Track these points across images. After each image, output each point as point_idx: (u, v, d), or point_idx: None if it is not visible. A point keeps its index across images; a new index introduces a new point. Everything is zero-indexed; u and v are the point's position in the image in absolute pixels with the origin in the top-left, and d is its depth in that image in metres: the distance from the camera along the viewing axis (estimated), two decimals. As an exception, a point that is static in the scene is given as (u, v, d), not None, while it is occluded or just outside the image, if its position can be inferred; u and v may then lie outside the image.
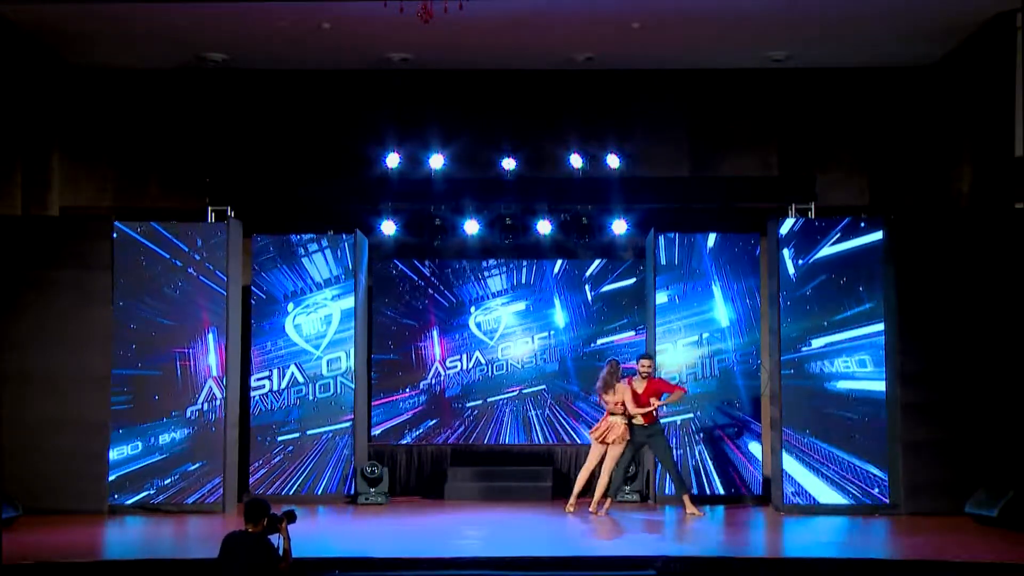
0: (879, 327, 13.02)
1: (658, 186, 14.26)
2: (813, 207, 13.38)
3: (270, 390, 13.80)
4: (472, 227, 14.07)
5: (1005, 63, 13.37)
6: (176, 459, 13.06)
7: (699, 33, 13.79)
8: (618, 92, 15.13)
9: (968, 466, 12.60)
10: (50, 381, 12.92)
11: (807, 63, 14.73)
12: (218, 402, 13.14)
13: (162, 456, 13.06)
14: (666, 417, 13.32)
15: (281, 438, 13.74)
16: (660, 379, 13.07)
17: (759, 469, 13.65)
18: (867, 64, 14.84)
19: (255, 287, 13.87)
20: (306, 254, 13.91)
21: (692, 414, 13.66)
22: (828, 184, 14.43)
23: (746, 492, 13.58)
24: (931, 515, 12.48)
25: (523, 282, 14.89)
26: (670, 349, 13.70)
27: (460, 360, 14.82)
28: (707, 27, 13.58)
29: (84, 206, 14.93)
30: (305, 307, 13.88)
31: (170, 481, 13.03)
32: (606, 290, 14.85)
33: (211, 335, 13.17)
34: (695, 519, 12.50)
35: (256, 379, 13.81)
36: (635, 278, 14.77)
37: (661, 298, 13.75)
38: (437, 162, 14.11)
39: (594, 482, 12.99)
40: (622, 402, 12.70)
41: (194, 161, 14.88)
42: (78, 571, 9.92)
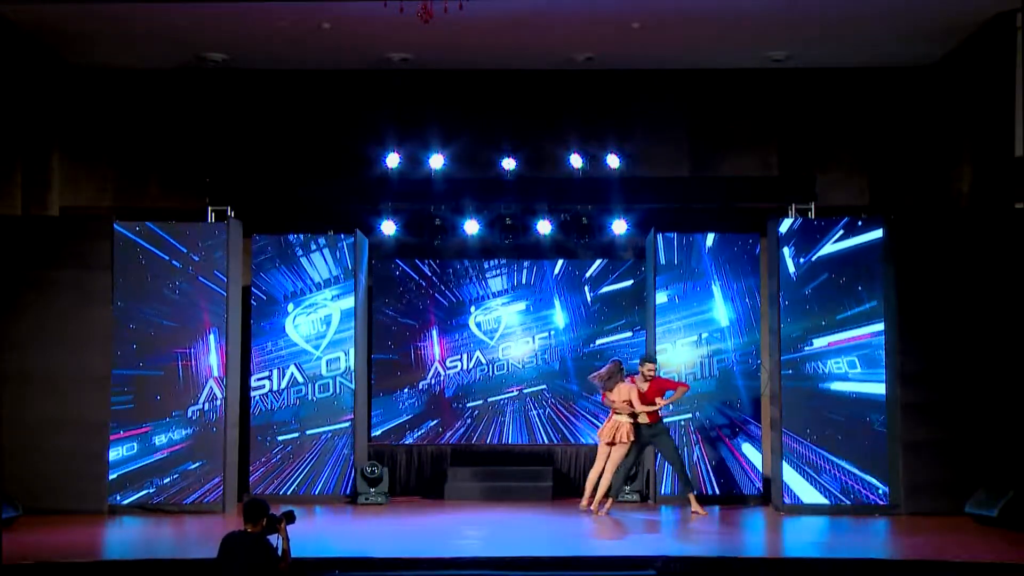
0: (879, 327, 13.02)
1: (658, 186, 14.26)
2: (813, 207, 13.38)
3: (270, 390, 13.80)
4: (472, 227, 14.07)
5: (1005, 63, 13.37)
6: (176, 459, 13.07)
7: (699, 33, 13.79)
8: (618, 92, 15.13)
9: (968, 466, 12.60)
10: (50, 381, 12.93)
11: (807, 63, 14.73)
12: (219, 402, 13.15)
13: (163, 456, 13.07)
14: (670, 417, 13.31)
15: (281, 438, 13.75)
16: (661, 378, 13.08)
17: (754, 470, 13.63)
18: (867, 64, 14.84)
19: (255, 287, 13.87)
20: (304, 254, 13.91)
21: (691, 414, 13.66)
22: (828, 184, 14.43)
23: (738, 492, 13.57)
24: (931, 515, 12.48)
25: (523, 282, 14.89)
26: (669, 349, 13.70)
27: (460, 360, 14.82)
28: (707, 27, 13.58)
29: (84, 206, 14.93)
30: (305, 307, 13.88)
31: (170, 481, 13.05)
32: (605, 291, 14.85)
33: (212, 335, 13.17)
34: (699, 518, 12.50)
35: (256, 379, 13.81)
36: (633, 280, 14.78)
37: (661, 298, 13.75)
38: (437, 162, 14.11)
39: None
40: (628, 401, 12.68)
41: (194, 161, 14.89)
42: (78, 571, 9.92)
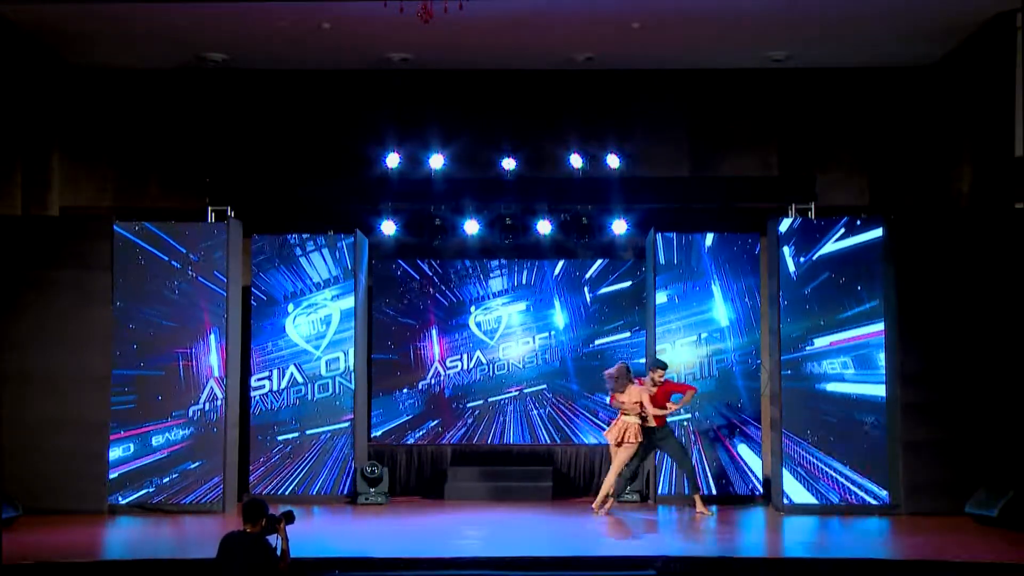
0: (879, 327, 13.02)
1: (658, 186, 14.26)
2: (813, 207, 13.38)
3: (270, 390, 13.80)
4: (472, 227, 14.07)
5: (1005, 63, 13.37)
6: (177, 459, 13.08)
7: (699, 33, 13.79)
8: (618, 92, 15.13)
9: (968, 466, 12.60)
10: (50, 381, 12.93)
11: (807, 63, 14.73)
12: (219, 402, 13.15)
13: (163, 456, 13.08)
14: (674, 416, 13.26)
15: (281, 437, 13.75)
16: (669, 381, 13.05)
17: (749, 470, 13.62)
18: (867, 64, 14.83)
19: (255, 287, 13.86)
20: (304, 254, 13.90)
21: (690, 415, 13.64)
22: (828, 184, 14.43)
23: (738, 492, 13.57)
24: (931, 515, 12.48)
25: (523, 282, 14.88)
26: (669, 349, 13.69)
27: (461, 360, 14.82)
28: (707, 27, 13.58)
29: (84, 206, 14.93)
30: (305, 307, 13.88)
31: (170, 481, 13.05)
32: (604, 292, 14.83)
33: (213, 335, 13.18)
34: (703, 518, 12.50)
35: (256, 379, 13.81)
36: (632, 281, 14.77)
37: (661, 298, 13.74)
38: (437, 162, 14.11)
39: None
40: (639, 403, 12.61)
41: (194, 161, 14.88)
42: (78, 571, 9.93)
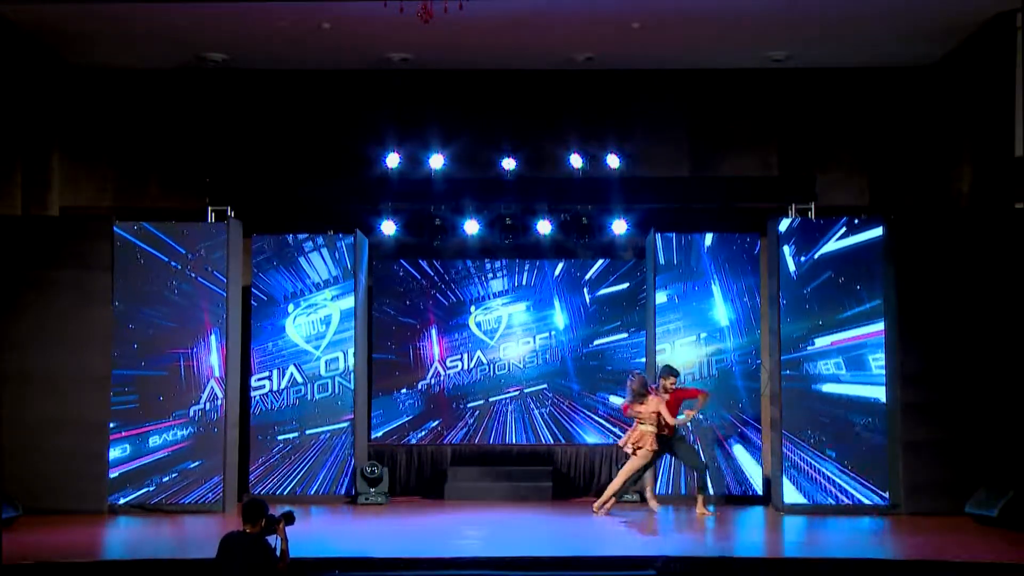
0: (879, 327, 13.02)
1: (658, 186, 14.26)
2: (813, 207, 13.38)
3: (270, 390, 13.80)
4: (472, 227, 14.07)
5: (1005, 63, 13.37)
6: (177, 459, 13.08)
7: (699, 33, 13.78)
8: (618, 92, 15.12)
9: (968, 466, 12.59)
10: (50, 381, 12.93)
11: (807, 63, 14.72)
12: (219, 402, 13.15)
13: (164, 456, 13.08)
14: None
15: (281, 437, 13.75)
16: (680, 388, 13.01)
17: (748, 470, 13.62)
18: (867, 64, 14.83)
19: (255, 288, 13.86)
20: (304, 254, 13.90)
21: (680, 412, 13.61)
22: (828, 184, 14.43)
23: (738, 492, 13.56)
24: (931, 515, 12.48)
25: (523, 283, 14.88)
26: (668, 349, 13.69)
27: (461, 359, 14.81)
28: (707, 27, 13.58)
29: (84, 206, 14.92)
30: (305, 308, 13.88)
31: (170, 481, 13.06)
32: (603, 293, 14.83)
33: (213, 336, 13.18)
34: (703, 518, 12.49)
35: (257, 379, 13.81)
36: (629, 282, 14.76)
37: (660, 298, 13.74)
38: (437, 162, 14.11)
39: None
40: (657, 412, 12.54)
41: (194, 161, 14.88)
42: (78, 571, 9.92)
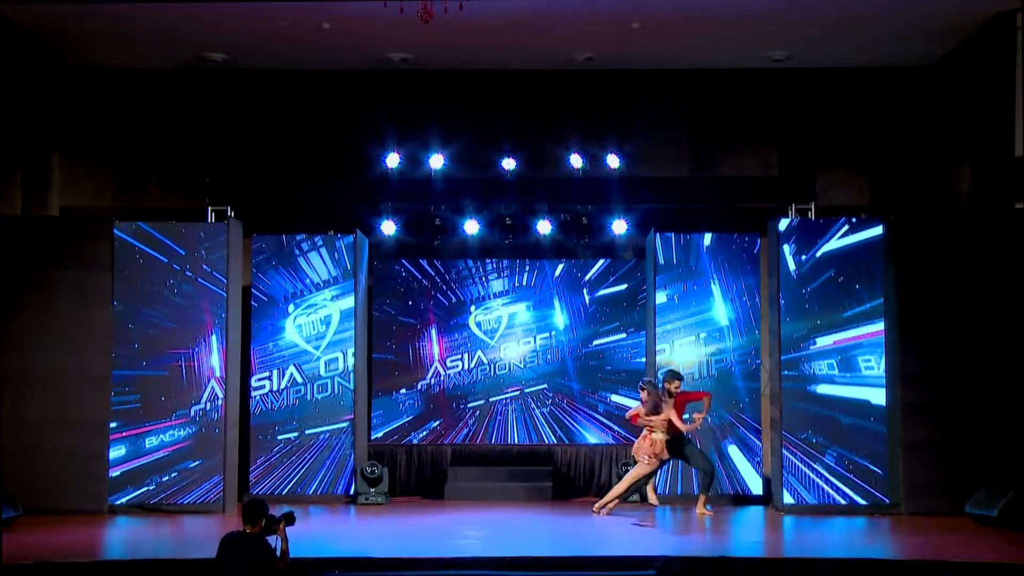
0: (879, 327, 13.02)
1: (658, 186, 14.27)
2: (813, 207, 13.39)
3: (270, 390, 13.80)
4: (472, 227, 14.07)
5: (1005, 63, 13.37)
6: (178, 459, 13.09)
7: (699, 33, 13.78)
8: (618, 92, 15.12)
9: (968, 466, 12.60)
10: (50, 381, 12.93)
11: (807, 63, 14.72)
12: (220, 402, 13.15)
13: (164, 456, 13.08)
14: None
15: (281, 437, 13.75)
16: (682, 392, 12.97)
17: (752, 469, 13.63)
18: (867, 64, 14.83)
19: (255, 288, 13.86)
20: (302, 254, 13.90)
21: (688, 415, 13.61)
22: (828, 184, 14.43)
23: (737, 492, 13.57)
24: (931, 515, 12.48)
25: (523, 282, 14.88)
26: (668, 349, 13.69)
27: (461, 359, 14.81)
28: (707, 27, 13.58)
29: (84, 206, 14.92)
30: (305, 308, 13.87)
31: (170, 481, 13.05)
32: (601, 294, 14.83)
33: (214, 336, 13.18)
34: (703, 518, 12.48)
35: (257, 379, 13.81)
36: (628, 284, 14.77)
37: (660, 298, 13.74)
38: (437, 162, 14.11)
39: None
40: (668, 419, 12.46)
41: (194, 161, 14.88)
42: (78, 571, 9.92)
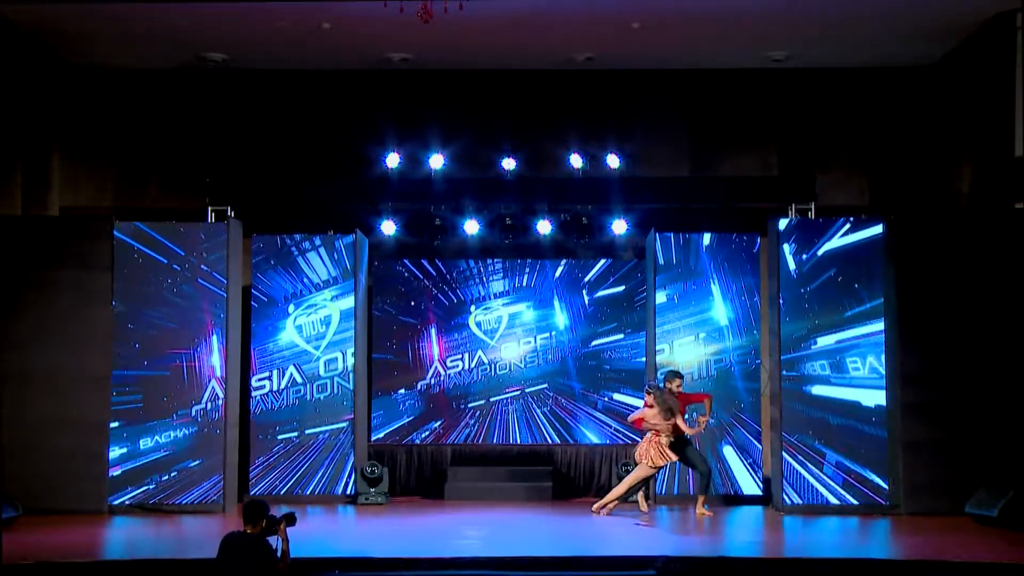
0: (879, 326, 13.02)
1: (658, 186, 14.27)
2: (813, 207, 13.39)
3: (270, 390, 13.80)
4: (472, 227, 14.07)
5: (1005, 63, 13.37)
6: (178, 459, 13.08)
7: (699, 33, 13.79)
8: (618, 92, 15.13)
9: (968, 466, 12.59)
10: (50, 381, 12.93)
11: (807, 63, 14.73)
12: (220, 402, 13.15)
13: (165, 456, 13.08)
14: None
15: (281, 437, 13.75)
16: (683, 392, 12.97)
17: (751, 469, 13.63)
18: (867, 64, 14.83)
19: (255, 288, 13.85)
20: (302, 254, 13.89)
21: (687, 415, 13.61)
22: (828, 184, 14.43)
23: (738, 492, 13.56)
24: (931, 515, 12.48)
25: (524, 282, 14.88)
26: (667, 349, 13.68)
27: (462, 359, 14.81)
28: (707, 27, 13.58)
29: (84, 206, 14.92)
30: (305, 308, 13.87)
31: (171, 481, 13.05)
32: (600, 295, 14.83)
33: (215, 336, 13.17)
34: (703, 518, 12.48)
35: (257, 379, 13.81)
36: (626, 285, 14.77)
37: (660, 298, 13.74)
38: (437, 162, 14.11)
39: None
40: (673, 423, 12.44)
41: (194, 161, 14.88)
42: (78, 571, 9.92)
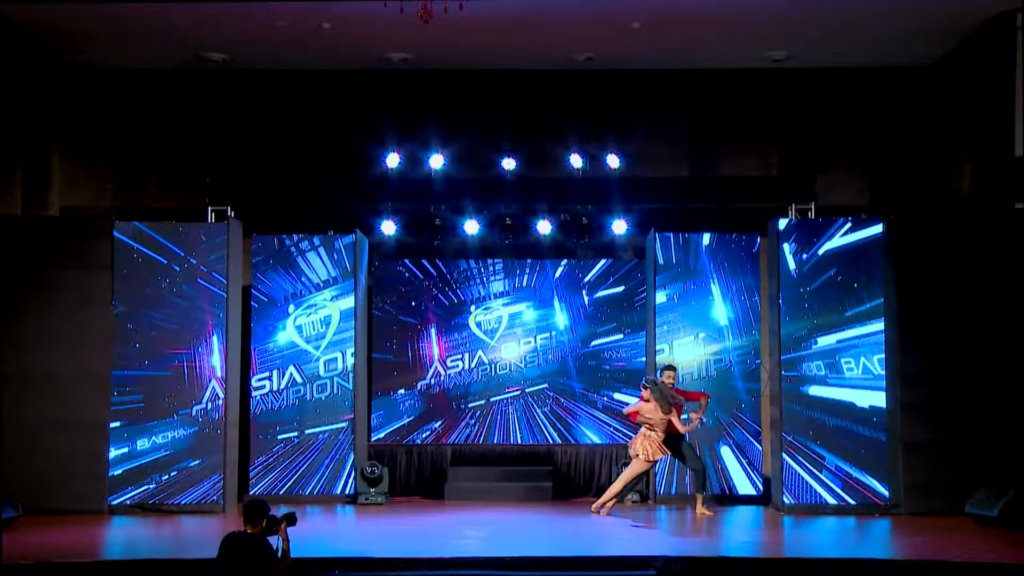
0: (879, 326, 13.01)
1: (658, 186, 14.27)
2: (813, 207, 13.39)
3: (270, 390, 13.80)
4: (472, 227, 14.07)
5: (1005, 63, 13.37)
6: (178, 459, 13.08)
7: (699, 33, 13.79)
8: (618, 92, 15.12)
9: (968, 466, 12.60)
10: (50, 381, 12.93)
11: (807, 63, 14.73)
12: (220, 402, 13.15)
13: (165, 456, 13.07)
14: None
15: (281, 437, 13.75)
16: (679, 389, 12.97)
17: (750, 470, 13.64)
18: (867, 64, 14.83)
19: (255, 288, 13.86)
20: (302, 254, 13.90)
21: (685, 415, 13.60)
22: (828, 184, 14.43)
23: (737, 492, 13.59)
24: (931, 515, 12.48)
25: (524, 282, 14.89)
26: (667, 349, 13.69)
27: (462, 359, 14.82)
28: (707, 27, 13.58)
29: (84, 206, 14.93)
30: (305, 308, 13.87)
31: (171, 481, 13.04)
32: (600, 296, 14.85)
33: (215, 336, 13.17)
34: (703, 518, 12.47)
35: (257, 379, 13.81)
36: (624, 286, 14.78)
37: (660, 298, 13.75)
38: (437, 162, 14.12)
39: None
40: (668, 419, 12.41)
41: (194, 161, 14.88)
42: (78, 571, 9.91)
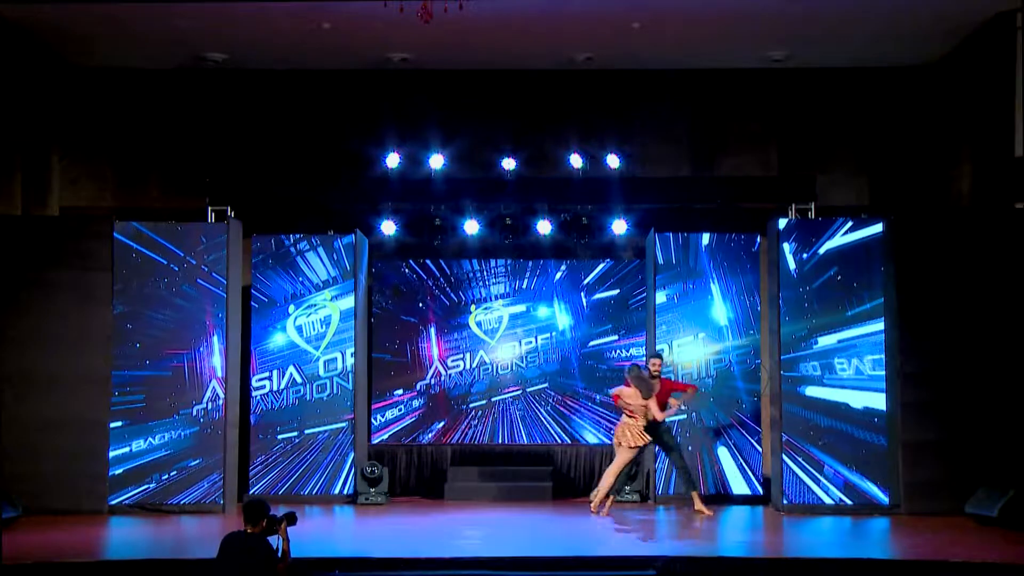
0: (879, 326, 13.01)
1: (658, 186, 14.28)
2: (813, 207, 13.39)
3: (270, 390, 13.80)
4: (472, 227, 14.07)
5: (1005, 63, 13.36)
6: (178, 459, 13.08)
7: (699, 33, 13.78)
8: (618, 92, 15.12)
9: (968, 466, 12.60)
10: (50, 381, 12.93)
11: (807, 63, 14.72)
12: (221, 402, 13.15)
13: (165, 456, 13.07)
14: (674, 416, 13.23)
15: (281, 437, 13.76)
16: (668, 379, 13.01)
17: (750, 469, 13.64)
18: (867, 64, 14.82)
19: (255, 289, 13.87)
20: (302, 254, 13.90)
21: (685, 415, 13.63)
22: (828, 184, 14.44)
23: (736, 492, 13.59)
24: (931, 515, 12.48)
25: (524, 282, 14.89)
26: (667, 349, 13.69)
27: (462, 359, 14.82)
28: (707, 27, 13.58)
29: (84, 206, 14.93)
30: (305, 308, 13.87)
31: (171, 480, 13.04)
32: (597, 297, 14.86)
33: (216, 336, 13.17)
34: (703, 518, 12.47)
35: (257, 379, 13.82)
36: (621, 288, 14.79)
37: (660, 298, 13.75)
38: (437, 162, 14.12)
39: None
40: (645, 405, 12.49)
41: (194, 161, 14.88)
42: (78, 571, 9.91)
